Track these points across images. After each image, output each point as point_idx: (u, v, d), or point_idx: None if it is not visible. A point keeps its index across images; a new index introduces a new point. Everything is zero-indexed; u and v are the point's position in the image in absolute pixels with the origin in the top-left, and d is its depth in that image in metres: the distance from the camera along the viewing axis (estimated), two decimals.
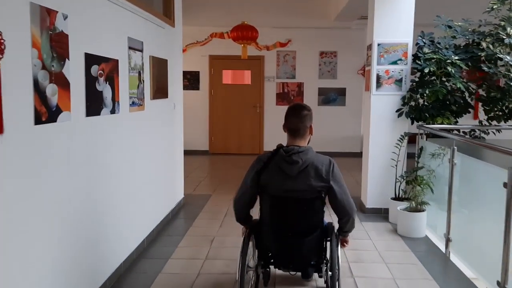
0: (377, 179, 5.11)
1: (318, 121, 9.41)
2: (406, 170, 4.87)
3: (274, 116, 9.59)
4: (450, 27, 4.77)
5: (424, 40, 4.86)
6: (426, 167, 4.47)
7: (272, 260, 2.79)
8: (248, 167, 2.74)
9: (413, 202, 4.44)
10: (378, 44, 4.98)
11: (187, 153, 9.92)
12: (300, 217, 2.48)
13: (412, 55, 4.95)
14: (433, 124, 4.78)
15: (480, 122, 5.12)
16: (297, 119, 2.56)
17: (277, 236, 2.54)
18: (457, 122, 5.01)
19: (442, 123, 4.80)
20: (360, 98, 9.40)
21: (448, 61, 4.58)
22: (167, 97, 4.70)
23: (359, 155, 9.41)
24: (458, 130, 5.00)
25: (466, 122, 5.44)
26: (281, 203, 2.47)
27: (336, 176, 2.48)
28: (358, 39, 9.30)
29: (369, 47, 5.19)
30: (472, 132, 5.11)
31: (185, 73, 9.91)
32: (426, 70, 4.55)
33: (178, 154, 5.44)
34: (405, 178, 4.74)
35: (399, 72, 4.97)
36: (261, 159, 2.59)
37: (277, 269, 2.99)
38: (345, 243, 2.77)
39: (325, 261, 2.72)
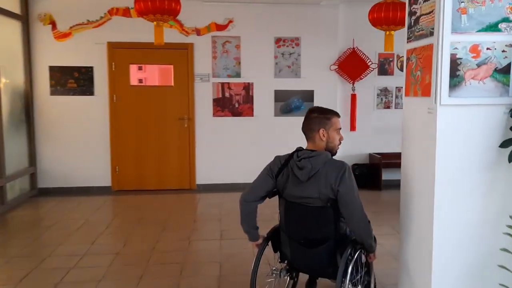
0: None
1: (275, 139, 6.36)
2: None
3: (211, 132, 6.49)
4: None
5: None
6: None
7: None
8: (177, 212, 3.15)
9: None
10: None
11: (73, 193, 6.30)
12: (312, 225, 2.35)
13: None
14: None
15: None
16: (304, 122, 2.45)
17: (290, 242, 2.43)
18: None
19: None
20: (334, 103, 6.53)
21: None
22: None
23: None
24: None
25: None
26: (294, 209, 2.37)
27: (345, 183, 2.23)
28: (330, 19, 6.46)
29: None
30: None
31: (70, 70, 6.15)
32: None
33: None
34: None
35: (502, 52, 2.06)
36: (278, 159, 2.49)
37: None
38: (369, 259, 2.47)
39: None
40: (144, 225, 4.88)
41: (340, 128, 2.43)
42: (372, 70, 6.52)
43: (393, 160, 6.46)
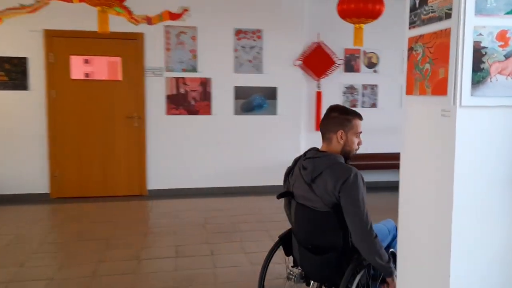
0: None
1: (236, 139, 5.81)
2: None
3: (165, 132, 5.89)
4: None
5: None
6: None
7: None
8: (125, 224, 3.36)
9: None
10: None
11: (4, 201, 5.32)
12: (317, 230, 2.22)
13: None
14: None
15: None
16: (323, 121, 2.33)
17: (298, 245, 2.30)
18: None
19: None
20: (298, 101, 6.12)
21: None
22: None
23: None
24: None
25: None
26: (301, 210, 2.25)
27: (347, 191, 2.07)
28: (295, 11, 6.02)
29: None
30: None
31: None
32: None
33: None
34: None
35: None
36: (294, 159, 2.40)
37: None
38: (385, 286, 2.20)
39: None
40: (86, 240, 4.22)
41: (361, 132, 2.27)
42: (338, 67, 6.14)
43: (360, 162, 6.12)
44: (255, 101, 6.03)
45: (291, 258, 2.45)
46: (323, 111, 6.21)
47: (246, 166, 6.03)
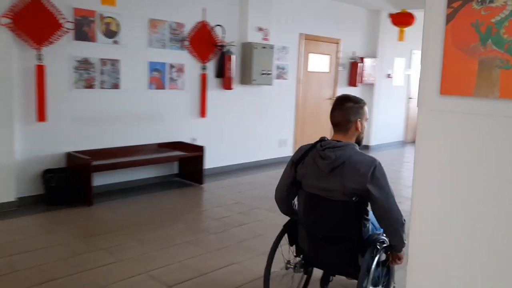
0: None
1: None
2: None
3: None
4: None
5: None
6: None
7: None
8: None
9: None
10: None
11: None
12: (332, 220, 2.27)
13: None
14: None
15: None
16: (337, 112, 2.32)
17: (309, 236, 2.34)
18: None
19: None
20: (7, 79, 4.23)
21: None
22: None
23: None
24: None
25: None
26: (314, 201, 2.29)
27: (376, 179, 2.15)
28: None
29: None
30: None
31: None
32: None
33: None
34: None
35: None
36: (300, 150, 2.39)
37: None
38: (397, 260, 2.34)
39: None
40: None
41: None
42: (67, 32, 4.47)
43: (102, 161, 4.71)
44: None
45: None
46: (49, 92, 4.45)
47: None
